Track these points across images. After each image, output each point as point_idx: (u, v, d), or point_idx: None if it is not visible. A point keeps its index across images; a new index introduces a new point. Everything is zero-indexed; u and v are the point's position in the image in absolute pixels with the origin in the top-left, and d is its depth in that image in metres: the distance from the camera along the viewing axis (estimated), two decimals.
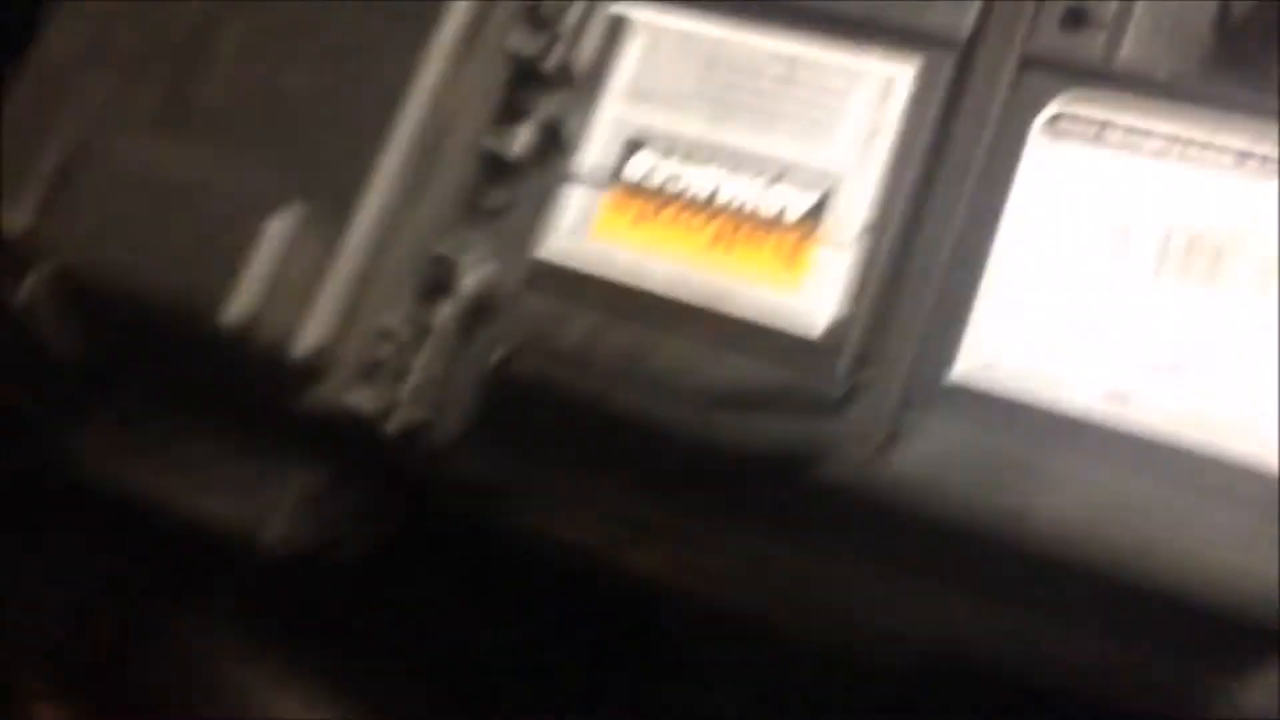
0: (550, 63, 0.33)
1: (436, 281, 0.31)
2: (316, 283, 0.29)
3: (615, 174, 0.35)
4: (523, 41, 0.33)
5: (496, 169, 0.33)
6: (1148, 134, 0.31)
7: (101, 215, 0.29)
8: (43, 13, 0.35)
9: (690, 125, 0.35)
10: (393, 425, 0.30)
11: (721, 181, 0.34)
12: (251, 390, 0.29)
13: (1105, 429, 0.29)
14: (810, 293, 0.32)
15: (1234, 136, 0.31)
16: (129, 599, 0.42)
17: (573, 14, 0.33)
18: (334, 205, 0.29)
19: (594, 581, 0.37)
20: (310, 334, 0.29)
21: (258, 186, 0.29)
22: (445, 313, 0.31)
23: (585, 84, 0.35)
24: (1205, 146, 0.31)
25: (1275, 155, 0.30)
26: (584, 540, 0.35)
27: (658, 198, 0.34)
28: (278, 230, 0.29)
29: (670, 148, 0.35)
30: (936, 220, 0.32)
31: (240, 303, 0.28)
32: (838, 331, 0.32)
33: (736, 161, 0.34)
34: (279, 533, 0.31)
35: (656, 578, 0.35)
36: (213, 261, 0.28)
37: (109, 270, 0.29)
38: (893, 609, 0.31)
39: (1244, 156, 0.30)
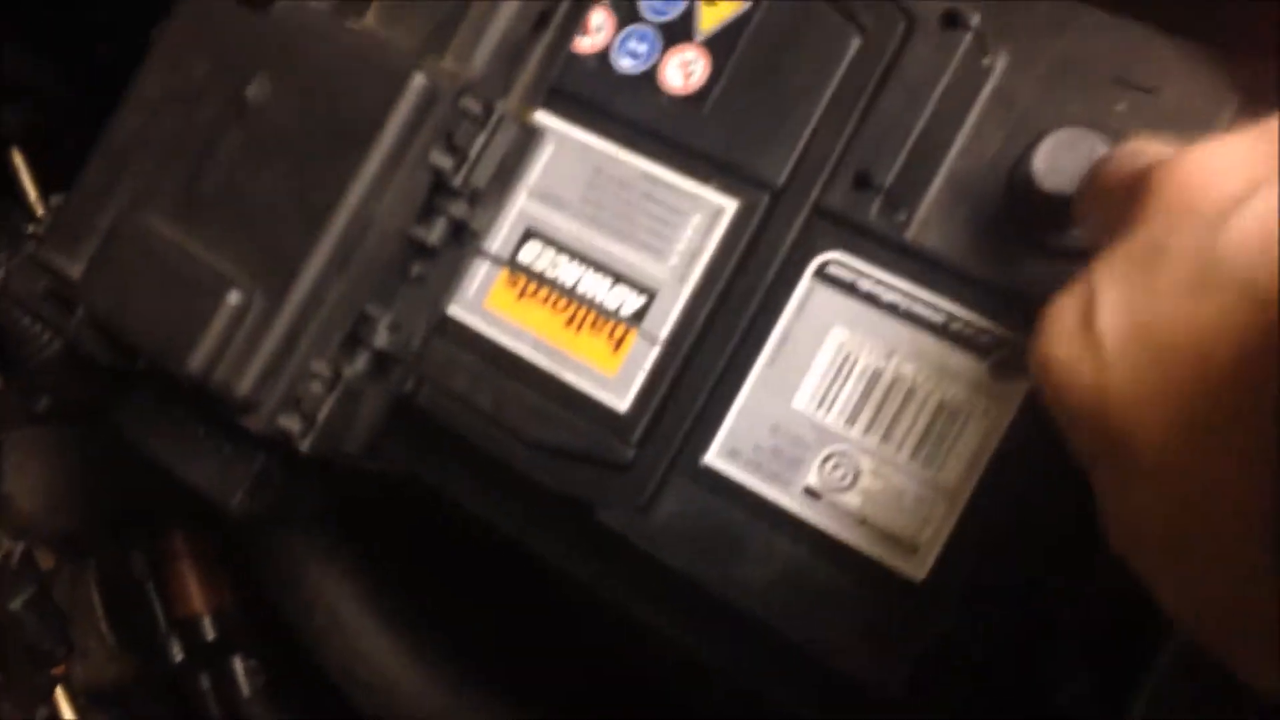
0: (458, 180, 0.43)
1: (356, 335, 0.43)
2: (257, 340, 0.41)
3: (511, 256, 0.45)
4: (439, 159, 0.43)
5: (419, 249, 0.44)
6: (888, 289, 0.39)
7: (123, 275, 0.42)
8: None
9: (570, 224, 0.44)
10: (308, 442, 0.42)
11: (582, 275, 0.44)
12: (218, 403, 0.42)
13: (798, 520, 0.39)
14: (624, 375, 0.42)
15: (949, 304, 0.39)
16: None
17: (479, 142, 0.43)
18: (277, 283, 0.41)
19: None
20: (247, 380, 0.41)
21: (226, 266, 0.42)
22: (360, 359, 0.43)
23: (496, 183, 0.45)
24: (927, 307, 0.39)
25: (974, 325, 0.38)
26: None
27: (537, 280, 0.45)
28: (233, 300, 0.41)
29: (552, 241, 0.45)
30: (720, 335, 0.41)
31: (199, 356, 0.41)
32: (637, 409, 0.42)
33: (596, 260, 0.44)
34: (241, 500, 0.44)
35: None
36: (186, 322, 0.41)
37: (122, 317, 0.42)
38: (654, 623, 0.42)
39: (949, 320, 0.38)
